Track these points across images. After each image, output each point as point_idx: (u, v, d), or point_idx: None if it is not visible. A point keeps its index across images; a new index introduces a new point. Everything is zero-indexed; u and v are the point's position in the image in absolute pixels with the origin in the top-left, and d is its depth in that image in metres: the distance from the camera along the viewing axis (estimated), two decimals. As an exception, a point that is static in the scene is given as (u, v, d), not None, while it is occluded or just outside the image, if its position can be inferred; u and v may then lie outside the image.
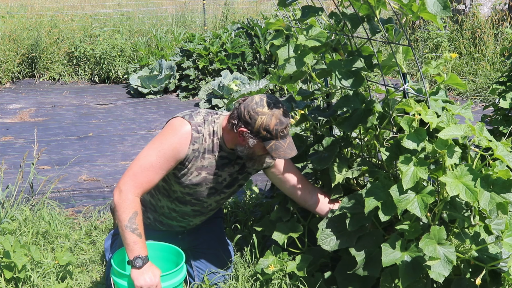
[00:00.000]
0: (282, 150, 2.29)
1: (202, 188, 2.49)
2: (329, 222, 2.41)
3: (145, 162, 2.32)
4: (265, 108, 2.25)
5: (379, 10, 2.22)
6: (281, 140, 2.29)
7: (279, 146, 2.28)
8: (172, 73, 7.55)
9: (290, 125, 2.31)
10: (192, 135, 2.35)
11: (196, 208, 2.58)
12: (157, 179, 2.35)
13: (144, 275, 2.22)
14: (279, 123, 2.25)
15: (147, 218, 2.67)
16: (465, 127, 2.04)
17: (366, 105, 2.38)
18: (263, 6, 11.84)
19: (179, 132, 2.34)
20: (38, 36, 8.31)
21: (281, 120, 2.26)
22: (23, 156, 3.81)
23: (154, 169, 2.32)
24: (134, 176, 2.31)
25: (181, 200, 2.54)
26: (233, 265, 2.79)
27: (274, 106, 2.26)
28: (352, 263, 2.33)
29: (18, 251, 2.75)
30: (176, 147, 2.33)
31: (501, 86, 3.58)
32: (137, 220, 2.27)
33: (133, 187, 2.29)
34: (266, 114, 2.24)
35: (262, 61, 7.54)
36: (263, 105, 2.25)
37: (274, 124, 2.24)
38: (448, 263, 2.03)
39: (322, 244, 2.34)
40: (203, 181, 2.46)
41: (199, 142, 2.37)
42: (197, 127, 2.36)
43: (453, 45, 8.36)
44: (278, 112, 2.26)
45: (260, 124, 2.24)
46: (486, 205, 1.99)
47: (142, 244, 2.27)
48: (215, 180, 2.48)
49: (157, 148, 2.32)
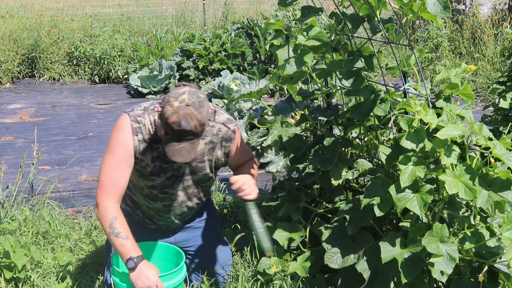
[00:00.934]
0: (171, 150, 2.21)
1: (162, 179, 2.48)
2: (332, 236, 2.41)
3: (105, 167, 2.37)
4: (175, 103, 2.18)
5: (379, 10, 2.22)
6: (175, 142, 2.21)
7: (171, 145, 2.22)
8: (172, 73, 7.55)
9: (193, 135, 2.20)
10: (132, 126, 2.37)
11: (167, 203, 2.56)
12: (123, 179, 2.37)
13: (141, 276, 2.22)
14: (177, 123, 2.16)
15: (136, 215, 2.69)
16: (462, 126, 2.04)
17: (375, 96, 2.36)
18: (263, 6, 11.83)
19: (120, 126, 2.38)
20: (38, 36, 8.31)
21: (180, 122, 2.15)
22: (23, 156, 3.81)
23: (114, 169, 2.35)
24: (101, 185, 2.36)
25: (150, 196, 2.55)
26: (231, 265, 2.78)
27: (186, 106, 2.17)
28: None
29: (18, 251, 2.75)
30: (122, 141, 2.36)
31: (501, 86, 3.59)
32: (117, 224, 2.29)
33: (104, 195, 2.34)
34: (172, 108, 2.17)
35: (262, 61, 7.54)
36: (177, 99, 2.19)
37: (172, 121, 2.16)
38: (451, 261, 2.03)
39: (329, 263, 2.35)
40: (160, 171, 2.46)
41: (142, 132, 2.38)
42: (136, 118, 2.38)
43: (453, 45, 8.36)
44: (183, 113, 2.16)
45: (164, 113, 2.20)
46: (483, 203, 2.01)
47: (130, 245, 2.27)
48: (170, 167, 2.47)
49: (108, 150, 2.38)
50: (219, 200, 3.73)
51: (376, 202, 2.16)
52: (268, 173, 4.57)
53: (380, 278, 2.24)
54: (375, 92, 2.32)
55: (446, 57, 7.99)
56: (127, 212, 2.69)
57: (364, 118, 2.39)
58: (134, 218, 2.68)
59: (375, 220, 2.32)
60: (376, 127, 2.51)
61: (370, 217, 2.30)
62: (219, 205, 3.64)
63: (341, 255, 2.35)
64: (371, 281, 2.25)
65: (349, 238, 2.37)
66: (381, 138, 2.63)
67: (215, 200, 3.71)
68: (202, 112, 2.21)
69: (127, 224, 2.34)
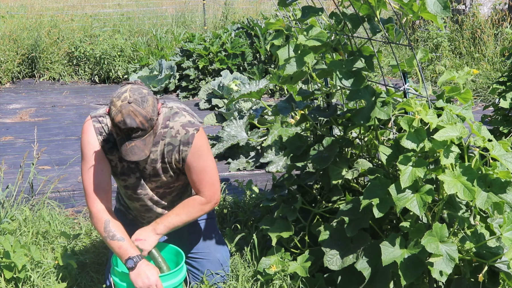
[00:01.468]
0: (124, 149, 2.21)
1: (133, 179, 2.49)
2: (330, 239, 2.41)
3: (83, 173, 2.39)
4: (118, 102, 2.17)
5: (379, 10, 2.22)
6: (126, 141, 2.20)
7: (122, 145, 2.21)
8: (172, 73, 7.55)
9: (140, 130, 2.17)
10: (94, 126, 2.38)
11: (142, 203, 2.57)
12: (103, 180, 2.38)
13: (141, 276, 2.22)
14: (122, 122, 2.14)
15: (129, 214, 2.71)
16: (460, 127, 2.05)
17: (376, 97, 2.37)
18: (263, 6, 11.83)
19: (85, 129, 2.40)
20: (38, 36, 8.31)
21: (125, 120, 2.14)
22: (23, 156, 3.81)
23: (91, 172, 2.37)
24: (86, 192, 2.39)
25: (127, 196, 2.57)
26: (229, 265, 2.77)
27: (128, 103, 2.15)
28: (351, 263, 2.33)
29: (18, 251, 2.75)
30: (90, 142, 2.37)
31: (501, 86, 3.59)
32: (111, 226, 2.31)
33: (92, 201, 2.37)
34: (116, 108, 2.16)
35: (262, 61, 7.54)
36: (120, 98, 2.17)
37: (118, 121, 2.16)
38: (450, 261, 2.03)
39: (329, 265, 2.36)
40: (129, 171, 2.46)
41: (105, 132, 2.39)
42: (98, 118, 2.40)
43: (453, 45, 8.35)
44: (126, 111, 2.14)
45: (110, 113, 2.20)
46: (482, 204, 2.01)
47: (127, 245, 2.28)
48: (137, 168, 2.47)
49: (82, 156, 2.40)
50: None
51: (375, 203, 2.16)
52: (268, 173, 4.57)
53: (380, 277, 2.24)
54: (376, 94, 2.32)
55: (446, 57, 7.98)
56: (121, 211, 2.72)
57: (367, 122, 2.39)
58: (128, 217, 2.70)
59: (375, 220, 2.32)
60: (376, 127, 2.51)
61: (369, 218, 2.30)
62: (219, 205, 3.64)
63: (340, 257, 2.35)
64: (371, 280, 2.25)
65: (348, 239, 2.37)
66: (381, 138, 2.63)
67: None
68: (147, 107, 2.18)
69: (121, 224, 2.35)
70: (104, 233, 2.30)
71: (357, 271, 2.26)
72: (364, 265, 2.26)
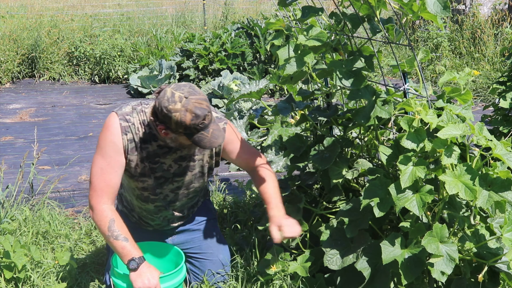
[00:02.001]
0: (206, 141, 2.22)
1: (152, 179, 2.46)
2: (330, 238, 2.41)
3: (96, 168, 2.34)
4: (177, 105, 2.14)
5: (379, 10, 2.22)
6: (203, 131, 2.21)
7: (202, 137, 2.21)
8: (172, 73, 7.55)
9: (210, 113, 2.21)
10: (121, 125, 2.33)
11: (158, 204, 2.55)
12: (115, 180, 2.34)
13: (142, 276, 2.21)
14: (195, 117, 2.15)
15: (132, 216, 2.68)
16: (463, 126, 2.04)
17: (376, 97, 2.36)
18: (263, 6, 11.83)
19: (109, 125, 2.35)
20: (38, 36, 8.31)
21: (197, 113, 2.15)
22: (23, 156, 3.81)
23: (105, 170, 2.32)
24: (93, 187, 2.33)
25: (142, 197, 2.53)
26: (230, 266, 2.78)
27: (187, 99, 2.15)
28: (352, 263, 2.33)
29: (18, 251, 2.75)
30: (112, 140, 2.32)
31: (501, 86, 3.59)
32: (116, 227, 2.27)
33: (98, 198, 2.31)
34: (179, 111, 2.14)
35: (262, 61, 7.54)
36: (175, 100, 2.14)
37: (190, 119, 2.15)
38: (451, 261, 2.03)
39: (329, 265, 2.35)
40: (150, 172, 2.43)
41: (132, 132, 2.35)
42: (125, 116, 2.35)
43: (453, 45, 8.36)
44: (192, 106, 2.14)
45: (175, 122, 2.16)
46: (484, 203, 2.01)
47: (130, 246, 2.26)
48: (160, 168, 2.45)
49: (99, 151, 2.35)
50: (219, 200, 3.73)
51: (375, 203, 2.16)
52: (268, 173, 4.57)
53: (380, 277, 2.24)
54: (376, 94, 2.32)
55: (446, 57, 7.99)
56: (123, 213, 2.69)
57: (368, 121, 2.39)
58: (131, 219, 2.68)
59: (375, 220, 2.32)
60: (376, 127, 2.51)
61: (369, 218, 2.30)
62: (219, 205, 3.64)
63: (340, 256, 2.35)
64: (371, 280, 2.25)
65: (348, 238, 2.37)
66: (381, 138, 2.63)
67: (215, 200, 3.71)
68: (199, 91, 2.22)
69: (125, 225, 2.33)
70: (108, 232, 2.27)
71: (357, 271, 2.26)
72: (364, 265, 2.26)
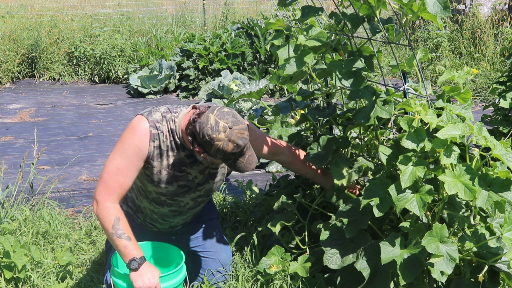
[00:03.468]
0: (241, 166, 2.27)
1: (174, 187, 2.45)
2: (330, 238, 2.41)
3: (112, 167, 2.30)
4: (221, 134, 2.16)
5: (379, 10, 2.22)
6: (240, 158, 2.25)
7: (238, 163, 2.26)
8: (172, 73, 7.55)
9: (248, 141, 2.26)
10: (151, 132, 2.31)
11: (174, 208, 2.55)
12: (128, 181, 2.33)
13: (142, 276, 2.21)
14: (236, 147, 2.19)
15: (137, 218, 2.67)
16: (462, 126, 2.04)
17: (376, 97, 2.36)
18: (263, 6, 11.83)
19: (138, 130, 2.32)
20: (38, 36, 8.31)
21: (238, 144, 2.19)
22: (23, 156, 3.81)
23: (122, 172, 2.30)
24: (105, 184, 2.30)
25: (157, 201, 2.52)
26: (231, 265, 2.78)
27: (231, 129, 2.18)
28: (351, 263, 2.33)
29: (18, 251, 2.75)
30: (138, 145, 2.30)
31: (501, 86, 3.59)
32: (121, 225, 2.26)
33: (107, 195, 2.29)
34: (222, 141, 2.16)
35: (262, 61, 7.54)
36: (219, 130, 2.16)
37: (231, 149, 2.19)
38: (451, 261, 2.03)
39: (328, 264, 2.35)
40: (173, 179, 2.42)
41: (159, 139, 2.33)
42: (155, 124, 2.33)
43: (453, 45, 8.36)
44: (235, 136, 2.18)
45: (216, 150, 2.19)
46: (484, 203, 2.01)
47: (133, 246, 2.26)
48: (185, 177, 2.44)
49: (120, 150, 2.31)
50: (219, 200, 3.73)
51: (375, 203, 2.16)
52: (268, 173, 4.57)
53: (380, 277, 2.24)
54: (376, 94, 2.33)
55: (446, 57, 7.99)
56: (128, 214, 2.68)
57: (368, 121, 2.39)
58: (136, 221, 2.67)
59: (374, 220, 2.32)
60: (376, 127, 2.51)
61: (368, 218, 2.30)
62: (219, 205, 3.64)
63: (340, 256, 2.35)
64: (371, 280, 2.25)
65: (348, 238, 2.37)
66: (381, 138, 2.63)
67: (215, 200, 3.72)
68: (241, 120, 2.25)
69: (129, 224, 2.32)
70: (112, 230, 2.24)
71: (357, 271, 2.26)
72: (364, 265, 2.26)
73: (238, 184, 3.92)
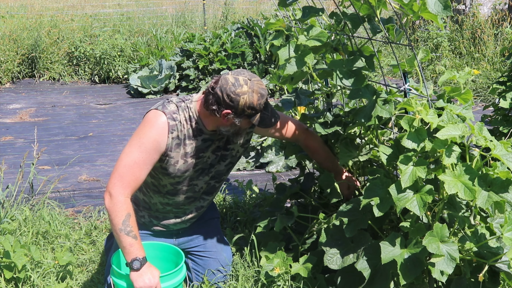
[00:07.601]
0: (267, 119, 2.36)
1: (191, 173, 2.49)
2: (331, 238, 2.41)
3: (129, 160, 2.29)
4: (244, 88, 2.26)
5: (379, 10, 2.22)
6: (265, 110, 2.35)
7: (265, 116, 2.35)
8: (172, 73, 7.55)
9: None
10: (169, 124, 2.34)
11: (189, 195, 2.57)
12: (143, 175, 2.33)
13: (143, 276, 2.22)
14: (261, 96, 2.29)
15: (141, 217, 2.66)
16: (462, 126, 2.04)
17: (377, 96, 2.36)
18: (263, 6, 11.83)
19: (156, 123, 2.33)
20: (38, 36, 8.31)
21: (261, 93, 2.29)
22: (23, 156, 3.81)
23: (139, 165, 2.29)
24: (120, 177, 2.27)
25: (172, 192, 2.53)
26: (231, 265, 2.78)
27: (251, 81, 2.28)
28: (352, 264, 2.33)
29: (18, 251, 2.75)
30: (156, 139, 2.32)
31: (501, 86, 3.58)
32: (130, 222, 2.25)
33: (122, 188, 2.26)
34: (247, 93, 2.26)
35: (262, 61, 7.54)
36: (241, 84, 2.26)
37: (257, 99, 2.28)
38: (452, 261, 2.03)
39: (329, 264, 2.35)
40: (190, 166, 2.46)
41: (177, 130, 2.36)
42: (172, 115, 2.35)
43: (453, 45, 8.36)
44: (256, 86, 2.28)
45: (243, 104, 2.27)
46: (483, 203, 2.01)
47: (138, 245, 2.25)
48: (201, 161, 2.49)
49: (137, 144, 2.30)
50: (219, 200, 3.73)
51: (375, 203, 2.16)
52: (268, 173, 4.57)
53: (380, 277, 2.24)
54: (377, 93, 2.33)
55: (446, 57, 7.99)
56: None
57: (368, 121, 2.39)
58: (139, 220, 2.66)
59: (375, 220, 2.32)
60: (376, 126, 2.51)
61: (368, 218, 2.30)
62: (219, 205, 3.64)
63: (340, 256, 2.35)
64: (371, 280, 2.25)
65: (348, 238, 2.37)
66: (382, 138, 2.63)
67: (215, 200, 3.72)
68: (255, 74, 2.35)
69: (136, 223, 2.31)
70: (121, 226, 2.22)
71: (357, 271, 2.26)
72: (364, 265, 2.26)
73: (238, 184, 3.92)
